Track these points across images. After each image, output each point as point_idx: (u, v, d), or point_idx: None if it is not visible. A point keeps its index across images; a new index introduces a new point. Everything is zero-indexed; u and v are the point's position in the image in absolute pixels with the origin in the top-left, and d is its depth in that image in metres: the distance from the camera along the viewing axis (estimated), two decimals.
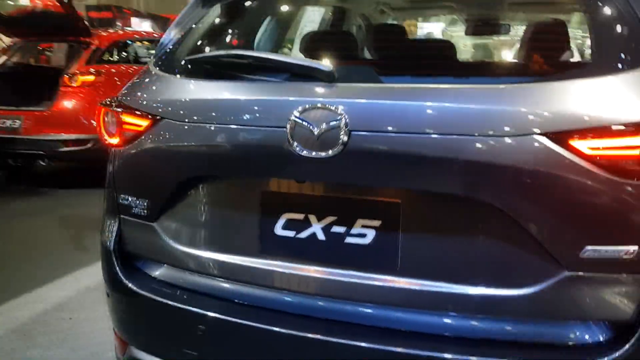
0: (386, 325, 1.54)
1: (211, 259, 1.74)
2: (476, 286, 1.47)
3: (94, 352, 3.06)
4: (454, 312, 1.50)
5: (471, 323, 1.48)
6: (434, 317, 1.51)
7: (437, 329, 1.50)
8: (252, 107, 1.59)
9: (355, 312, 1.57)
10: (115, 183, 1.90)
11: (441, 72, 1.66)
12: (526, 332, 1.46)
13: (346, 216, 1.56)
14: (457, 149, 1.41)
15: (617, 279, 1.40)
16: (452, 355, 1.44)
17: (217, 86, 1.73)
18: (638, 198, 1.36)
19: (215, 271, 1.74)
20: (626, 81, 1.41)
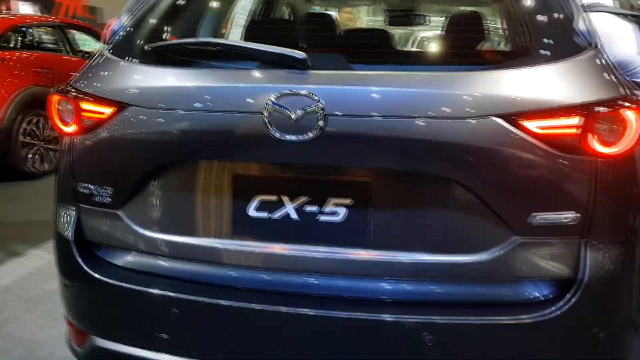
0: (359, 295, 1.66)
1: (182, 243, 1.78)
2: (440, 254, 1.63)
3: (28, 351, 2.98)
4: (421, 279, 1.65)
5: (436, 288, 1.64)
6: (403, 285, 1.65)
7: (406, 295, 1.64)
8: (227, 94, 1.65)
9: (329, 285, 1.68)
10: (73, 172, 1.86)
11: (405, 60, 1.79)
12: (485, 293, 1.64)
13: (319, 196, 1.66)
14: (422, 130, 1.55)
15: (559, 242, 1.60)
16: (420, 318, 1.59)
17: (188, 73, 1.76)
18: (576, 170, 1.57)
19: (187, 255, 1.78)
20: (563, 69, 1.62)
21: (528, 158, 1.55)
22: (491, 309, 1.60)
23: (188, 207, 1.77)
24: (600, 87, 1.60)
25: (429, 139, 1.56)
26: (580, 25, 1.74)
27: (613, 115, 1.55)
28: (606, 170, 1.58)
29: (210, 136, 1.66)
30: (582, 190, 1.57)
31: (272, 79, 1.64)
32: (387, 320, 1.60)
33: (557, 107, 1.54)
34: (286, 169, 1.69)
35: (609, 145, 1.56)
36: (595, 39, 1.74)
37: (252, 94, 1.62)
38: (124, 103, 1.72)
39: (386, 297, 1.65)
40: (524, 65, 1.63)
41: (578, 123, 1.54)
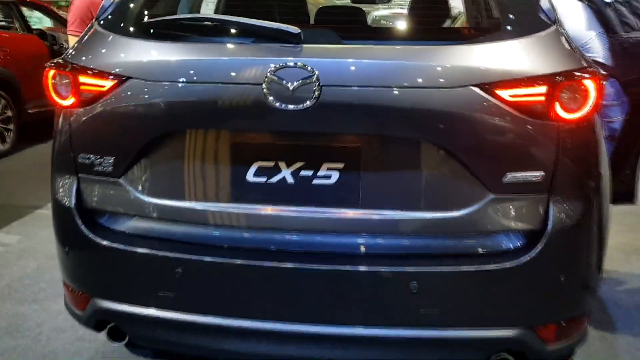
0: (353, 251, 1.83)
1: (184, 207, 1.90)
2: (425, 212, 1.81)
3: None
4: (408, 235, 1.82)
5: (422, 242, 1.82)
6: (392, 240, 1.83)
7: (396, 249, 1.82)
8: (227, 67, 1.77)
9: (324, 242, 1.84)
10: (72, 143, 1.95)
11: (390, 35, 1.94)
12: (464, 245, 1.83)
13: (313, 161, 1.81)
14: (407, 99, 1.72)
15: (528, 198, 1.80)
16: (409, 268, 1.77)
17: (187, 47, 1.86)
18: (542, 133, 1.76)
19: (189, 218, 1.90)
20: (531, 43, 1.81)
21: (501, 123, 1.73)
22: (471, 258, 1.80)
23: (189, 174, 1.89)
24: (564, 59, 1.80)
25: (413, 107, 1.72)
26: (543, 3, 1.93)
27: (575, 84, 1.74)
28: (568, 134, 1.78)
29: (211, 107, 1.78)
30: (548, 151, 1.77)
31: (270, 52, 1.77)
32: (379, 270, 1.77)
33: (527, 77, 1.73)
34: (283, 137, 1.83)
35: (571, 112, 1.75)
36: (556, 16, 1.93)
37: (251, 66, 1.74)
38: (125, 76, 1.82)
39: (377, 251, 1.83)
40: (497, 40, 1.80)
41: (545, 91, 1.73)
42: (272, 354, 1.94)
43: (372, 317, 1.82)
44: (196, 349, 2.04)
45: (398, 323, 1.81)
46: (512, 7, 1.91)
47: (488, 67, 1.73)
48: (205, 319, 1.89)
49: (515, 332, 1.83)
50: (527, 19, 1.87)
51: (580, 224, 1.83)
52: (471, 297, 1.81)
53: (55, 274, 3.54)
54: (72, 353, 2.78)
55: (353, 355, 1.90)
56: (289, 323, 1.83)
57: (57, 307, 3.20)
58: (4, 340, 2.88)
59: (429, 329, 1.81)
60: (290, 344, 1.89)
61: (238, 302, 1.87)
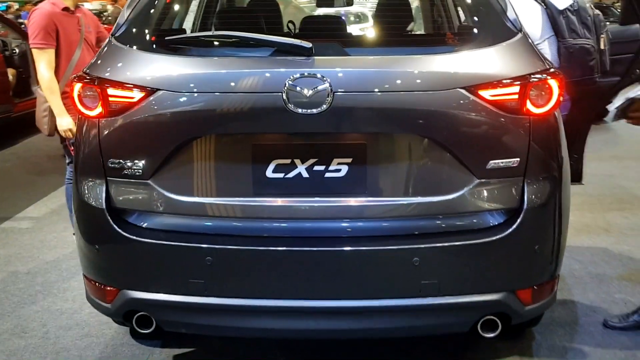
0: (361, 234, 2.10)
1: (208, 203, 2.13)
2: (422, 197, 2.11)
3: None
4: (409, 217, 2.11)
5: (421, 223, 2.12)
6: (396, 223, 2.11)
7: (399, 230, 2.11)
8: (250, 78, 2.00)
9: (335, 228, 2.11)
10: (101, 149, 2.14)
11: (390, 46, 2.22)
12: (456, 224, 2.13)
13: (325, 157, 2.07)
14: (406, 101, 2.01)
15: (507, 181, 2.13)
16: (409, 246, 2.06)
17: (211, 61, 2.09)
18: (517, 126, 2.08)
19: (215, 213, 2.13)
20: (504, 50, 2.13)
21: (484, 119, 2.05)
22: (462, 234, 2.11)
23: (214, 173, 2.12)
24: (532, 62, 2.13)
25: (411, 107, 2.01)
26: (510, 14, 2.26)
27: (542, 84, 2.07)
28: (537, 125, 2.11)
29: (235, 113, 2.02)
30: (521, 141, 2.10)
31: (287, 64, 2.02)
32: (386, 249, 2.06)
33: (504, 79, 2.05)
34: (299, 137, 2.08)
35: (539, 107, 2.08)
36: (521, 24, 2.27)
37: (271, 77, 1.99)
38: (155, 88, 2.03)
39: (383, 233, 2.11)
40: (476, 48, 2.12)
41: (518, 91, 2.05)
42: (294, 330, 2.20)
43: (381, 290, 2.10)
44: (223, 329, 2.27)
45: (404, 294, 2.10)
46: (485, 19, 2.23)
47: (471, 72, 2.04)
48: (232, 301, 2.12)
49: (500, 296, 2.15)
50: (498, 28, 2.19)
51: (549, 201, 2.17)
52: (464, 268, 2.12)
53: (48, 277, 3.70)
54: (82, 348, 2.94)
55: (366, 324, 2.18)
56: (311, 300, 2.09)
57: (57, 307, 3.34)
58: (12, 341, 3.01)
59: (430, 297, 2.10)
60: (310, 319, 2.15)
61: (263, 285, 2.11)
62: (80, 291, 3.51)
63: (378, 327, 2.18)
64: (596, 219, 4.58)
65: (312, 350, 2.87)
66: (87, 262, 2.33)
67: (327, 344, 2.89)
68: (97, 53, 2.28)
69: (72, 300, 3.43)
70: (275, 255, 2.07)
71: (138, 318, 2.26)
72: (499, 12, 2.22)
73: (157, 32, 2.26)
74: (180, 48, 2.19)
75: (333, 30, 2.46)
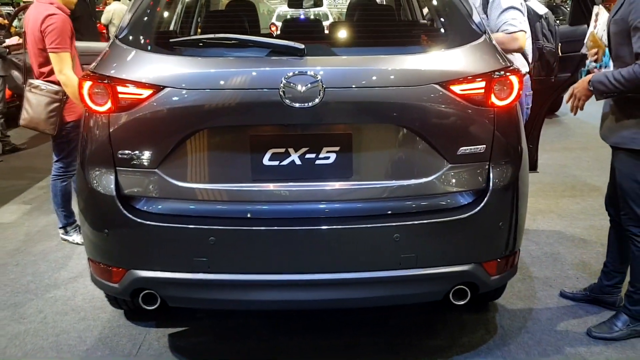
0: (348, 214, 2.37)
1: (211, 189, 2.36)
2: (401, 180, 2.38)
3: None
4: (390, 198, 2.39)
5: (401, 203, 2.39)
6: (378, 203, 2.39)
7: (381, 210, 2.38)
8: (250, 75, 2.24)
9: (325, 208, 2.37)
10: (111, 142, 2.34)
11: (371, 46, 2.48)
12: (431, 203, 2.41)
13: (316, 146, 2.33)
14: (386, 95, 2.28)
15: (475, 165, 2.42)
16: (390, 224, 2.33)
17: (215, 61, 2.31)
18: (483, 117, 2.38)
19: (217, 197, 2.36)
20: (471, 50, 2.42)
21: (455, 111, 2.34)
22: (436, 213, 2.39)
23: (216, 162, 2.35)
24: (494, 60, 2.42)
25: (391, 101, 2.29)
26: (475, 18, 2.56)
27: (504, 79, 2.37)
28: (500, 116, 2.40)
29: (235, 108, 2.25)
30: (487, 130, 2.39)
31: (282, 63, 2.26)
32: (369, 227, 2.33)
33: (470, 75, 2.34)
34: (293, 128, 2.33)
35: (502, 100, 2.38)
36: (485, 27, 2.57)
37: (269, 75, 2.24)
38: (162, 86, 2.25)
39: (367, 213, 2.38)
40: (446, 49, 2.41)
41: (484, 86, 2.34)
42: (288, 301, 2.45)
43: (367, 264, 2.37)
44: (224, 303, 2.51)
45: (386, 267, 2.37)
46: (453, 22, 2.53)
47: (443, 69, 2.33)
48: (233, 276, 2.36)
49: (469, 267, 2.44)
50: (465, 31, 2.49)
51: (510, 184, 2.48)
52: (438, 242, 2.41)
53: (37, 268, 3.86)
54: (81, 330, 3.12)
55: (353, 294, 2.44)
56: (304, 274, 2.35)
57: (50, 295, 3.51)
58: (12, 327, 3.17)
59: (409, 269, 2.38)
60: (304, 291, 2.40)
61: (261, 261, 2.35)
62: (71, 280, 3.70)
63: (364, 296, 2.45)
64: (550, 205, 4.96)
65: (308, 329, 3.13)
66: (94, 247, 2.52)
67: (317, 324, 3.15)
68: (102, 53, 2.48)
69: (64, 289, 3.59)
70: (272, 234, 2.31)
71: (144, 295, 2.47)
72: (466, 16, 2.51)
73: (159, 33, 2.47)
74: (183, 49, 2.41)
75: (318, 32, 2.72)
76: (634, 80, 2.56)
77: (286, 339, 3.03)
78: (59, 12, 3.79)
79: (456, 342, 2.95)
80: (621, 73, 2.60)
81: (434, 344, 2.95)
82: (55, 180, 4.13)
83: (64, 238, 4.26)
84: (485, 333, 3.03)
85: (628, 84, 2.59)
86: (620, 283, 3.21)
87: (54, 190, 4.15)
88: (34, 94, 3.85)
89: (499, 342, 2.95)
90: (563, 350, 2.88)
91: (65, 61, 3.76)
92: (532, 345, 2.92)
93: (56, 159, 4.10)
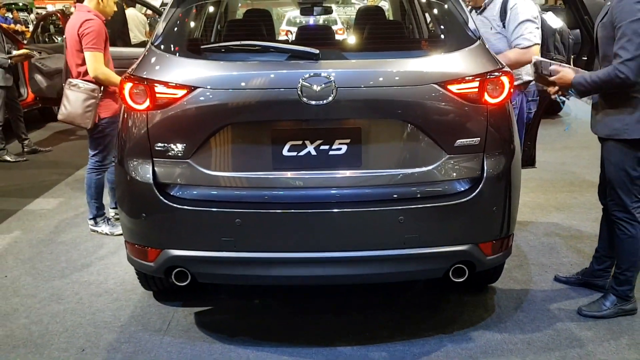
0: (358, 198, 2.67)
1: (237, 177, 2.67)
2: (406, 169, 2.68)
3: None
4: (396, 185, 2.69)
5: (405, 189, 2.69)
6: (385, 189, 2.69)
7: (388, 195, 2.68)
8: (272, 76, 2.56)
9: (337, 194, 2.67)
10: (149, 136, 2.65)
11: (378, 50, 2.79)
12: (432, 189, 2.71)
13: (329, 138, 2.63)
14: (392, 93, 2.58)
15: (471, 155, 2.71)
16: (395, 207, 2.63)
17: (241, 64, 2.63)
18: (478, 113, 2.67)
19: (243, 184, 2.67)
20: (467, 53, 2.72)
21: (452, 108, 2.63)
22: (437, 198, 2.68)
23: (242, 153, 2.66)
24: (488, 63, 2.72)
25: (395, 99, 2.59)
26: (471, 25, 2.86)
27: (496, 80, 2.66)
28: (493, 112, 2.69)
29: (259, 105, 2.56)
30: (481, 124, 2.69)
31: (300, 66, 2.57)
32: (377, 210, 2.63)
33: (466, 76, 2.64)
34: (309, 123, 2.63)
35: (494, 98, 2.67)
36: (480, 33, 2.87)
37: (288, 76, 2.55)
38: (195, 86, 2.56)
39: (375, 198, 2.67)
40: (445, 52, 2.71)
41: (478, 85, 2.64)
42: (307, 276, 2.76)
43: (375, 243, 2.67)
44: (248, 278, 2.82)
45: (392, 246, 2.67)
46: (451, 29, 2.83)
47: (442, 71, 2.63)
48: (257, 254, 2.66)
49: (467, 247, 2.73)
50: (462, 37, 2.79)
51: (503, 172, 2.76)
52: (439, 224, 2.70)
53: (70, 255, 4.20)
54: (115, 309, 3.43)
55: (363, 270, 2.74)
56: (321, 252, 2.65)
57: (84, 280, 3.83)
58: (52, 306, 3.49)
59: (412, 248, 2.67)
60: (320, 267, 2.70)
61: (282, 240, 2.65)
62: (103, 266, 4.02)
63: (372, 272, 2.75)
64: (549, 199, 5.24)
65: (322, 308, 3.43)
66: (131, 230, 2.83)
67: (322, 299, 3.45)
68: (140, 58, 2.80)
69: (97, 274, 3.91)
70: (290, 216, 2.62)
71: (176, 273, 2.78)
72: (462, 23, 2.82)
73: (189, 40, 2.80)
74: (211, 54, 2.73)
75: (329, 39, 3.03)
76: (609, 81, 2.86)
77: (302, 317, 3.33)
78: (95, 18, 4.20)
79: (457, 319, 3.24)
80: (598, 75, 2.90)
81: (437, 321, 3.24)
82: (90, 174, 4.48)
83: (94, 229, 4.59)
84: (483, 312, 3.31)
85: (604, 85, 2.89)
86: (609, 267, 3.47)
87: (88, 183, 4.50)
88: (72, 91, 4.23)
89: (496, 320, 3.23)
90: (555, 326, 3.16)
91: (99, 60, 4.15)
92: (527, 322, 3.20)
93: (92, 153, 4.46)
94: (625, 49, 2.80)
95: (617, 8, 2.86)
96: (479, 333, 3.10)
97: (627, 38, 2.80)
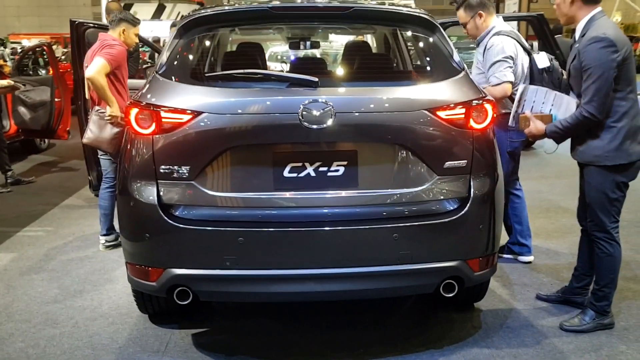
0: (355, 217, 2.82)
1: (240, 197, 2.80)
2: (399, 189, 2.85)
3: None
4: (389, 204, 2.85)
5: (398, 208, 2.85)
6: (380, 208, 2.84)
7: (382, 214, 2.83)
8: (274, 102, 2.73)
9: (336, 213, 2.82)
10: (154, 158, 2.77)
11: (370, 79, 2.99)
12: (424, 209, 2.87)
13: (327, 161, 2.79)
14: (385, 119, 2.77)
15: (459, 177, 2.89)
16: (390, 225, 2.79)
17: (244, 91, 2.79)
18: (464, 137, 2.86)
19: (245, 204, 2.80)
20: (453, 83, 2.93)
21: (440, 132, 2.82)
22: (430, 216, 2.85)
23: (244, 174, 2.80)
24: (472, 91, 2.93)
25: (389, 124, 2.78)
26: (455, 57, 3.08)
27: (480, 107, 2.87)
28: (478, 137, 2.89)
29: (261, 129, 2.72)
30: (467, 148, 2.88)
31: (300, 93, 2.74)
32: (373, 228, 2.78)
33: (453, 103, 2.84)
34: (308, 146, 2.79)
35: (479, 124, 2.88)
36: (464, 64, 3.09)
37: (290, 102, 2.72)
38: (199, 111, 2.71)
39: (370, 216, 2.83)
40: (433, 82, 2.92)
41: (464, 112, 2.84)
42: (306, 292, 2.88)
43: (371, 260, 2.81)
44: (249, 295, 2.92)
45: (387, 262, 2.81)
46: (437, 61, 3.06)
47: (431, 98, 2.83)
48: (259, 272, 2.78)
49: (457, 264, 2.89)
50: (448, 68, 3.01)
51: (488, 192, 2.95)
52: (431, 241, 2.86)
53: (62, 282, 4.23)
54: (112, 332, 3.48)
55: (359, 286, 2.87)
56: (319, 269, 2.78)
57: (78, 305, 3.87)
58: (47, 330, 3.52)
59: (406, 264, 2.82)
60: (318, 283, 2.82)
61: (283, 258, 2.77)
62: (96, 292, 4.07)
63: (368, 288, 2.88)
64: None
65: (315, 326, 3.53)
66: (134, 250, 2.92)
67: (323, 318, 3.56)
68: (145, 85, 2.95)
69: (90, 299, 3.95)
70: (291, 234, 2.75)
71: (178, 292, 2.87)
72: (448, 56, 3.04)
73: (192, 69, 2.96)
74: (214, 81, 2.89)
75: (325, 69, 3.23)
76: (578, 124, 3.13)
77: (296, 334, 3.42)
78: (119, 44, 4.50)
79: (446, 335, 3.37)
80: (567, 120, 3.15)
81: (427, 337, 3.37)
82: (105, 189, 4.76)
83: (108, 244, 4.86)
84: (471, 328, 3.46)
85: (576, 127, 3.15)
86: (588, 285, 3.65)
87: (104, 197, 4.74)
88: (101, 118, 4.47)
89: (484, 335, 3.37)
90: (539, 340, 3.31)
91: (103, 69, 4.36)
92: (512, 337, 3.36)
93: (107, 171, 4.74)
94: (589, 89, 3.06)
95: (583, 52, 3.11)
96: (468, 348, 3.24)
97: (591, 80, 3.05)
